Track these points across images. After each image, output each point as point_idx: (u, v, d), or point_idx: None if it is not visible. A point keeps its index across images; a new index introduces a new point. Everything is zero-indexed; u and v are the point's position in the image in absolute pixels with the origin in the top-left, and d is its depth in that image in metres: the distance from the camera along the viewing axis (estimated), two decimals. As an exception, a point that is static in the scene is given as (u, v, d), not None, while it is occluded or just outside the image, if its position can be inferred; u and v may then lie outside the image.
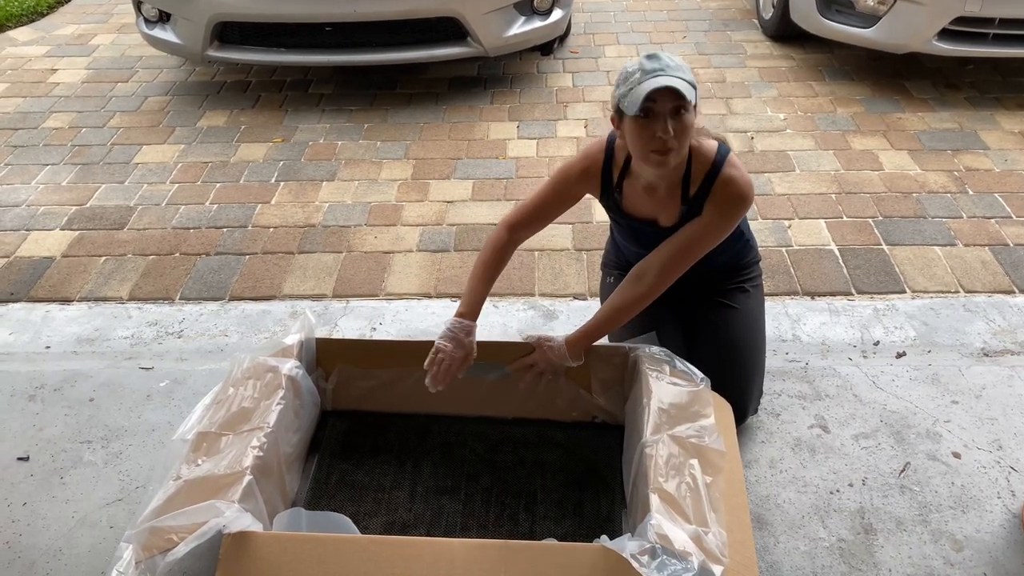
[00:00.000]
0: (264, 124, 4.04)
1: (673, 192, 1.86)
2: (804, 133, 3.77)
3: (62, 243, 3.12)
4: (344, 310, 2.70)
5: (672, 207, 1.88)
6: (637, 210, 1.94)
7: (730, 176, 1.80)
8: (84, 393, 2.35)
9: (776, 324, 2.55)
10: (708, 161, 1.82)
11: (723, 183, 1.80)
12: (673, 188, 1.85)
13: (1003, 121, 3.82)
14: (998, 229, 3.02)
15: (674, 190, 1.85)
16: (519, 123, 3.98)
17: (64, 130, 4.03)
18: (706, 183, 1.82)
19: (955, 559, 1.81)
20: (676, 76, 1.63)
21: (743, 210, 1.83)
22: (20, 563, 1.86)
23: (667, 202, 1.88)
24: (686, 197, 1.85)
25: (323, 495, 1.91)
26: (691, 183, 1.83)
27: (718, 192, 1.81)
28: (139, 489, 2.04)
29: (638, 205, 1.93)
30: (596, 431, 2.04)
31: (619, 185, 1.92)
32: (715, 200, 1.82)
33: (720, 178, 1.80)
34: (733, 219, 1.84)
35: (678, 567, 1.37)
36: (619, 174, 1.90)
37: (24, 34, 5.34)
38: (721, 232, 1.85)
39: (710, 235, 1.85)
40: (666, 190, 1.86)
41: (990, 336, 2.48)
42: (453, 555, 1.45)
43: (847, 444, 2.12)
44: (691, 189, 1.84)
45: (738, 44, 4.83)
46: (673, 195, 1.86)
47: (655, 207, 1.90)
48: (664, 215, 1.90)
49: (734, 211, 1.82)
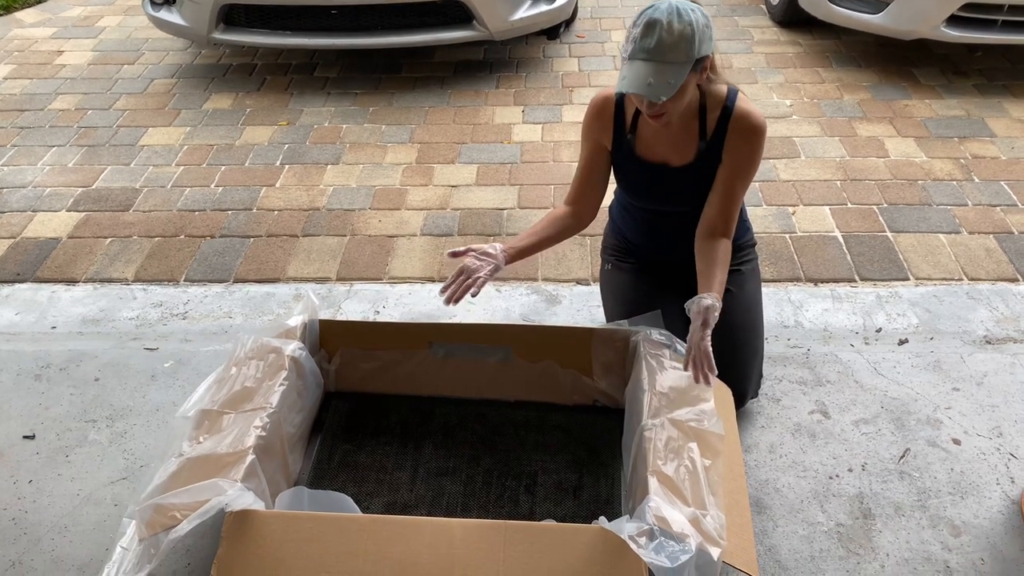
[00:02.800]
0: (269, 107, 4.04)
1: (689, 126, 1.88)
2: (810, 119, 3.76)
3: (68, 224, 3.13)
4: (348, 293, 2.71)
5: (688, 143, 1.90)
6: (651, 152, 1.94)
7: (745, 110, 1.85)
8: (89, 373, 2.37)
9: (778, 310, 2.55)
10: (721, 98, 1.86)
11: (739, 118, 1.84)
12: (689, 122, 1.87)
13: (1011, 108, 3.80)
14: (1003, 217, 3.01)
15: (690, 124, 1.88)
16: (524, 108, 3.97)
17: (70, 112, 4.03)
18: (722, 120, 1.85)
19: (953, 544, 1.82)
20: (662, 61, 1.63)
21: (763, 142, 1.87)
22: (26, 539, 1.88)
23: (682, 137, 1.90)
24: (703, 132, 1.87)
25: (325, 475, 1.93)
26: (708, 115, 1.86)
27: (737, 127, 1.85)
28: (143, 468, 2.06)
29: (653, 144, 1.93)
30: (596, 414, 2.05)
31: (634, 125, 1.92)
32: (736, 136, 1.85)
33: (736, 113, 1.84)
34: (758, 151, 1.87)
35: (676, 549, 1.39)
36: (634, 113, 1.92)
37: (31, 16, 5.34)
38: (752, 166, 1.89)
39: (743, 171, 1.88)
40: (681, 124, 1.88)
41: (993, 324, 2.48)
42: (453, 535, 1.47)
43: (847, 430, 2.12)
44: (708, 123, 1.87)
45: (745, 30, 4.80)
46: (690, 129, 1.88)
47: (670, 144, 1.91)
48: (679, 152, 1.92)
49: (756, 142, 1.86)
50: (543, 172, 3.41)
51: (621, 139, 1.95)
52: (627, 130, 1.93)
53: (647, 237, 2.13)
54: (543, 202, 3.18)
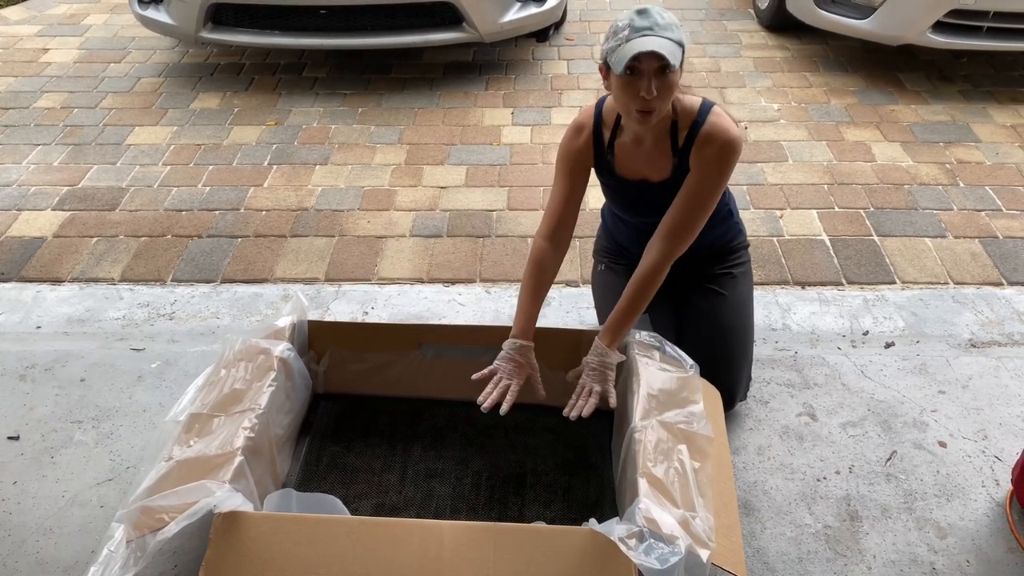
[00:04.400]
0: (257, 107, 4.02)
1: (662, 143, 1.87)
2: (797, 123, 3.78)
3: (53, 223, 3.11)
4: (336, 294, 2.70)
5: (663, 160, 1.89)
6: (630, 170, 1.94)
7: (715, 124, 1.81)
8: (75, 373, 2.35)
9: (766, 313, 2.56)
10: (693, 112, 1.84)
11: (708, 132, 1.81)
12: (661, 139, 1.87)
13: (995, 114, 3.84)
14: (988, 222, 3.03)
15: (662, 141, 1.87)
16: (514, 109, 3.97)
17: (56, 110, 4.00)
18: (692, 132, 1.83)
19: (939, 546, 1.83)
20: (664, 36, 1.65)
21: (734, 155, 1.82)
22: (10, 541, 1.86)
23: (656, 155, 1.89)
24: (675, 148, 1.86)
25: (314, 477, 1.92)
26: (679, 133, 1.85)
27: (703, 139, 1.82)
28: (130, 469, 2.04)
29: (630, 163, 1.93)
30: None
31: (611, 146, 1.93)
32: (705, 150, 1.82)
33: (705, 127, 1.82)
34: (726, 166, 1.83)
35: (665, 551, 1.39)
36: (610, 134, 1.92)
37: (16, 13, 5.30)
38: (719, 181, 1.84)
39: (708, 186, 1.83)
40: (653, 142, 1.87)
41: (978, 327, 2.50)
42: (442, 537, 1.46)
43: (834, 432, 2.13)
44: (679, 140, 1.85)
45: (733, 34, 4.82)
46: (662, 147, 1.88)
47: (646, 162, 1.91)
48: (655, 170, 1.92)
49: (723, 155, 1.81)
50: (532, 174, 3.41)
51: (601, 158, 1.95)
52: (605, 150, 1.94)
53: (638, 244, 2.13)
54: (532, 204, 3.19)
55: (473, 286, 2.73)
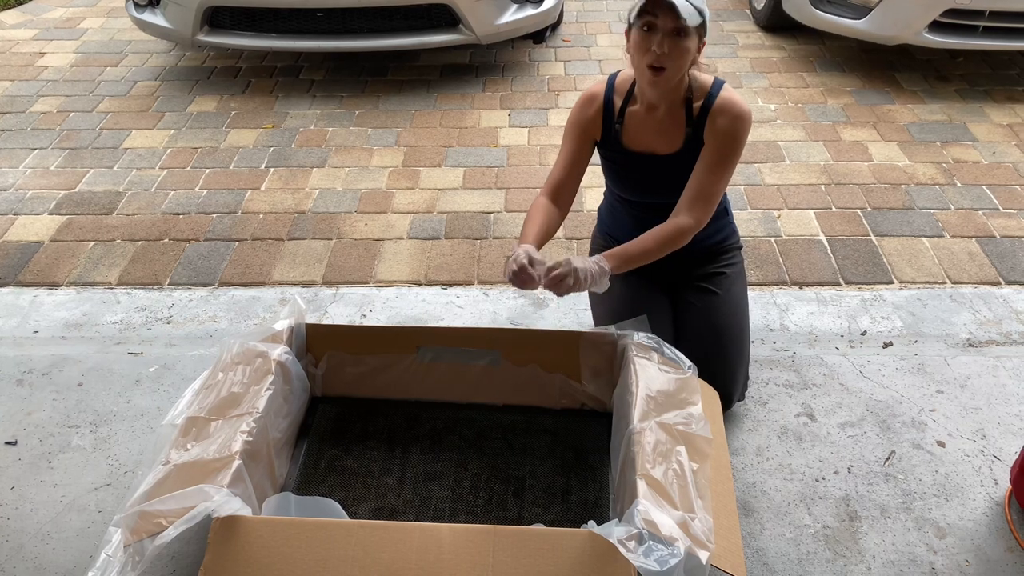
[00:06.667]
0: (255, 110, 4.02)
1: (676, 113, 1.91)
2: (794, 124, 3.78)
3: (50, 228, 3.10)
4: (334, 297, 2.70)
5: (675, 130, 1.93)
6: (637, 141, 1.97)
7: (727, 98, 1.89)
8: (72, 378, 2.35)
9: (764, 313, 2.56)
10: (707, 87, 1.91)
11: (721, 105, 1.88)
12: (675, 108, 1.91)
13: (992, 113, 3.84)
14: (985, 221, 3.04)
15: (676, 110, 1.91)
16: (511, 111, 3.97)
17: (52, 114, 4.00)
18: (706, 106, 1.89)
19: (938, 546, 1.83)
20: None
21: (745, 126, 1.89)
22: (8, 546, 1.86)
23: (669, 125, 1.93)
24: (690, 119, 1.90)
25: (312, 480, 1.92)
26: (693, 104, 1.90)
27: (719, 111, 1.88)
28: (128, 474, 2.04)
29: (639, 133, 1.96)
30: (584, 418, 2.05)
31: (621, 115, 1.96)
32: (718, 120, 1.88)
33: (719, 100, 1.88)
34: (740, 136, 1.89)
35: (664, 552, 1.39)
36: (621, 104, 1.96)
37: (12, 17, 5.29)
38: (733, 151, 1.90)
39: (725, 154, 1.89)
40: (667, 110, 1.91)
41: (976, 327, 2.50)
42: (441, 540, 1.46)
43: (833, 432, 2.13)
44: (694, 111, 1.90)
45: (730, 34, 4.82)
46: (676, 117, 1.91)
47: (656, 132, 1.94)
48: (665, 141, 1.94)
49: (738, 126, 1.88)
50: (530, 175, 3.41)
51: (609, 129, 1.98)
52: (615, 119, 1.97)
53: (635, 236, 2.13)
54: (529, 206, 3.18)
55: (471, 288, 2.73)
